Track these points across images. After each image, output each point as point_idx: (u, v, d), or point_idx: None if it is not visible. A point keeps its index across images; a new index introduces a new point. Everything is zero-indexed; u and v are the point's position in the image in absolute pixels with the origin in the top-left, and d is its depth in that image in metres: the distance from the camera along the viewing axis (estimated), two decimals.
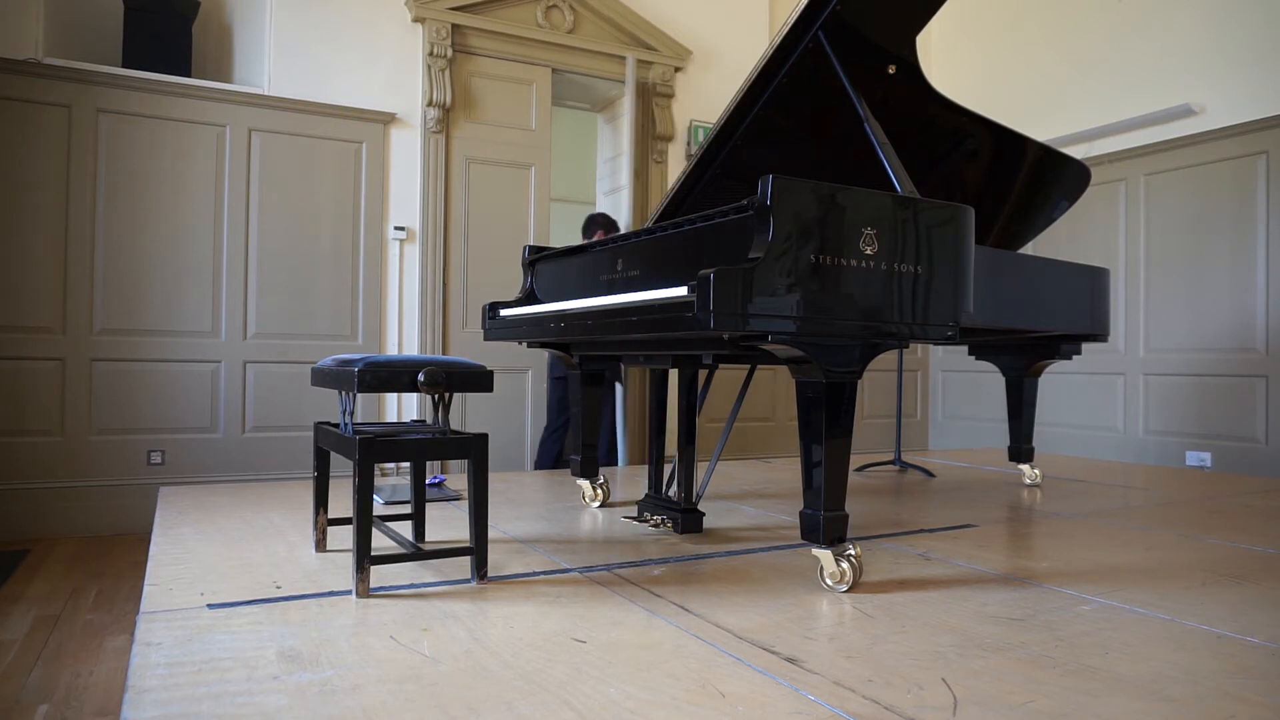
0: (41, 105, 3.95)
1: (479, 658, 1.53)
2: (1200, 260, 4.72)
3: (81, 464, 4.00)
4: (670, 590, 1.99)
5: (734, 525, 2.79)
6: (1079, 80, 5.36)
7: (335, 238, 4.52)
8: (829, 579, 2.00)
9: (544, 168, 5.10)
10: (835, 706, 1.34)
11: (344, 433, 2.07)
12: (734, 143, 2.69)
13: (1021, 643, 1.65)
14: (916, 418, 6.43)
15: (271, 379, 4.38)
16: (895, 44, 2.54)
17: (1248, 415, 4.49)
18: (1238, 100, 4.55)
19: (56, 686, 2.22)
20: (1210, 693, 1.41)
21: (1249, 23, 4.53)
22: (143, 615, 1.75)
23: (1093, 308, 3.26)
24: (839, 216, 1.93)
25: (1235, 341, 4.55)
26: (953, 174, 3.02)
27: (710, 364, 2.67)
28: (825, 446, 1.94)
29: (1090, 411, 5.26)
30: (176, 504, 3.07)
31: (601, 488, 3.12)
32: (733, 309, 1.79)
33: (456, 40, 4.76)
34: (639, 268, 2.38)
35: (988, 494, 3.54)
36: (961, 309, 2.13)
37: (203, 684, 1.39)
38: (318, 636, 1.63)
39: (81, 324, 4.01)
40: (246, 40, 4.59)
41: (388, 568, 2.10)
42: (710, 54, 5.54)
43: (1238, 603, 1.94)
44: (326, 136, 4.49)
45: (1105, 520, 2.97)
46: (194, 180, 4.24)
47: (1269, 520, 2.99)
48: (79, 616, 2.81)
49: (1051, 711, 1.33)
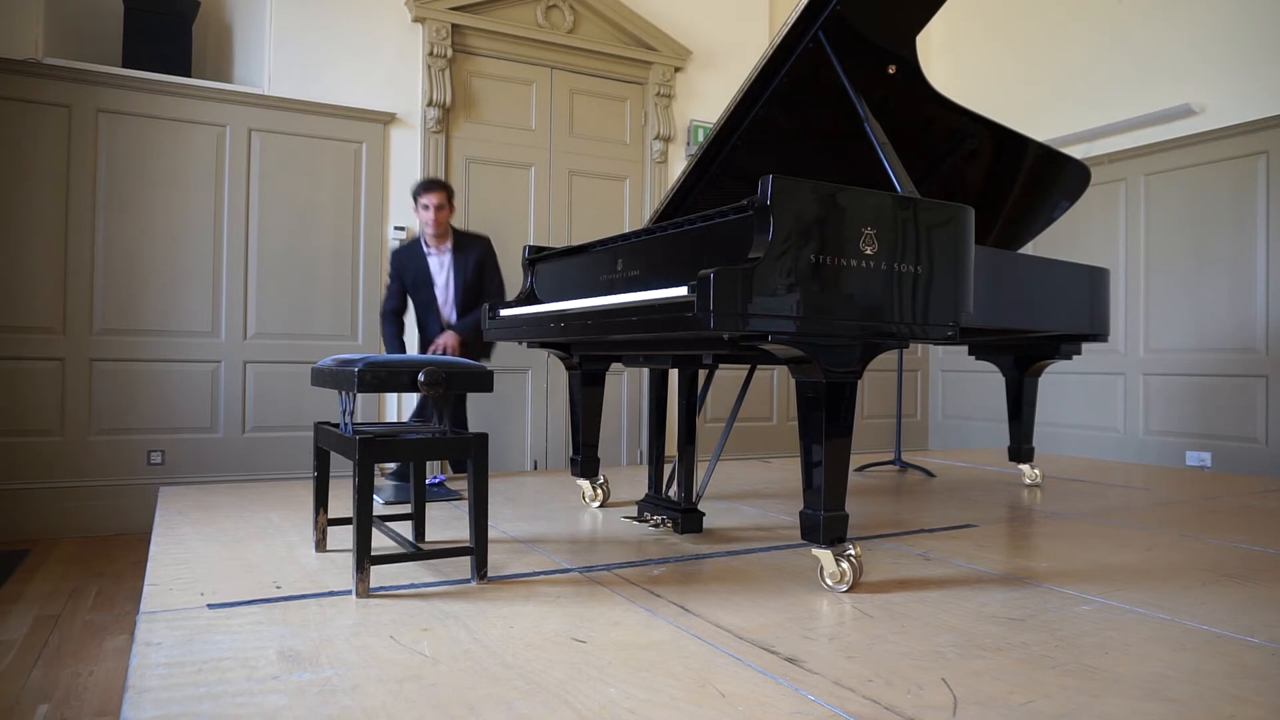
0: (41, 105, 3.95)
1: (479, 658, 1.53)
2: (1200, 260, 4.72)
3: (81, 464, 4.00)
4: (670, 590, 1.99)
5: (734, 525, 2.79)
6: (1079, 80, 5.36)
7: (335, 238, 4.52)
8: (829, 579, 2.00)
9: (544, 168, 5.10)
10: (835, 706, 1.34)
11: (344, 433, 2.07)
12: (734, 143, 2.69)
13: (1021, 643, 1.65)
14: (916, 418, 6.43)
15: (271, 379, 4.38)
16: (895, 44, 2.54)
17: (1248, 415, 4.49)
18: (1238, 100, 4.55)
19: (56, 686, 2.22)
20: (1210, 693, 1.41)
21: (1249, 23, 4.53)
22: (143, 615, 1.75)
23: (1093, 308, 3.26)
24: (839, 216, 1.93)
25: (1235, 341, 4.55)
26: (953, 174, 3.02)
27: (710, 364, 2.67)
28: (825, 446, 1.94)
29: (1090, 411, 5.26)
30: (176, 504, 3.07)
31: (601, 488, 3.12)
32: (733, 309, 1.79)
33: (456, 40, 4.76)
34: (639, 268, 2.38)
35: (988, 494, 3.54)
36: (961, 309, 2.13)
37: (203, 684, 1.39)
38: (318, 636, 1.63)
39: (81, 324, 4.01)
40: (246, 40, 4.59)
41: (388, 568, 2.10)
42: (710, 54, 5.54)
43: (1238, 603, 1.94)
44: (326, 136, 4.48)
45: (1105, 520, 2.97)
46: (194, 180, 4.24)
47: (1269, 520, 2.99)
48: (79, 616, 2.81)
49: (1051, 711, 1.33)
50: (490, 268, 3.82)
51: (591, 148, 5.25)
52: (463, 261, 3.76)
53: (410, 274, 3.77)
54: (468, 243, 3.80)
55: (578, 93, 5.21)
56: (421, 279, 3.76)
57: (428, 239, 3.73)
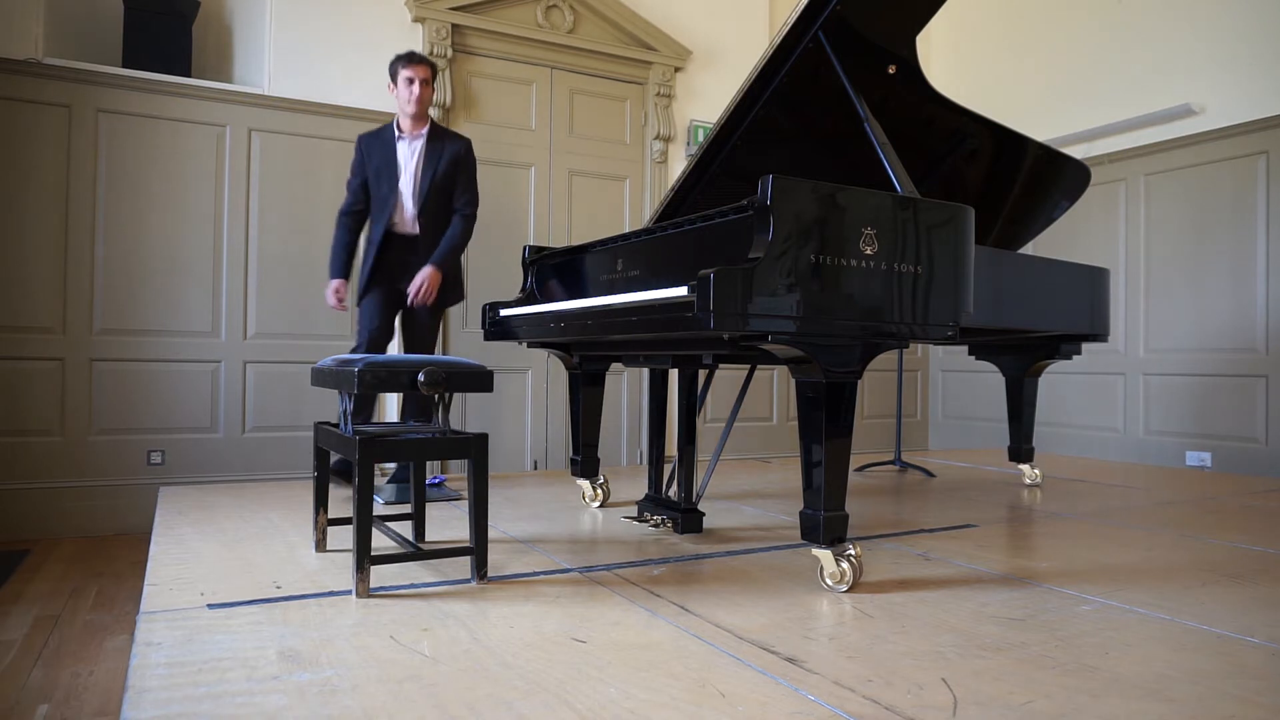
0: (41, 105, 3.95)
1: (479, 658, 1.53)
2: (1200, 260, 4.72)
3: (81, 464, 4.00)
4: (670, 590, 1.99)
5: (734, 525, 2.79)
6: (1079, 80, 5.36)
7: None
8: (829, 579, 2.00)
9: (544, 168, 5.10)
10: (835, 706, 1.34)
11: (344, 433, 2.07)
12: (734, 143, 2.69)
13: (1021, 643, 1.65)
14: (916, 418, 6.43)
15: (271, 379, 4.38)
16: (895, 44, 2.54)
17: (1248, 415, 4.49)
18: (1238, 100, 4.55)
19: (56, 686, 2.22)
20: (1210, 693, 1.41)
21: (1249, 23, 4.53)
22: (143, 615, 1.75)
23: (1093, 308, 3.26)
24: (839, 216, 1.93)
25: (1235, 341, 4.55)
26: (953, 174, 3.02)
27: (710, 364, 2.67)
28: (825, 446, 1.94)
29: (1090, 411, 5.26)
30: (176, 504, 3.07)
31: (601, 488, 3.12)
32: (733, 309, 1.79)
33: (456, 40, 4.76)
34: (639, 268, 2.38)
35: (988, 494, 3.54)
36: (962, 309, 2.13)
37: (203, 684, 1.39)
38: (318, 636, 1.63)
39: (81, 324, 4.01)
40: (246, 40, 4.59)
41: (388, 568, 2.10)
42: (710, 54, 5.54)
43: (1238, 603, 1.94)
44: (326, 136, 4.48)
45: (1105, 520, 2.97)
46: (194, 180, 4.24)
47: (1269, 520, 2.99)
48: (79, 616, 2.81)
49: (1051, 711, 1.33)
50: (466, 171, 3.44)
51: (591, 148, 5.25)
52: (436, 153, 3.37)
53: (375, 161, 3.39)
54: (447, 135, 3.44)
55: (578, 93, 5.21)
56: (386, 168, 3.38)
57: (403, 121, 3.41)
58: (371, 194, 3.44)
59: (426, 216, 3.39)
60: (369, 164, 3.42)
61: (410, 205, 3.40)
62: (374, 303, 3.40)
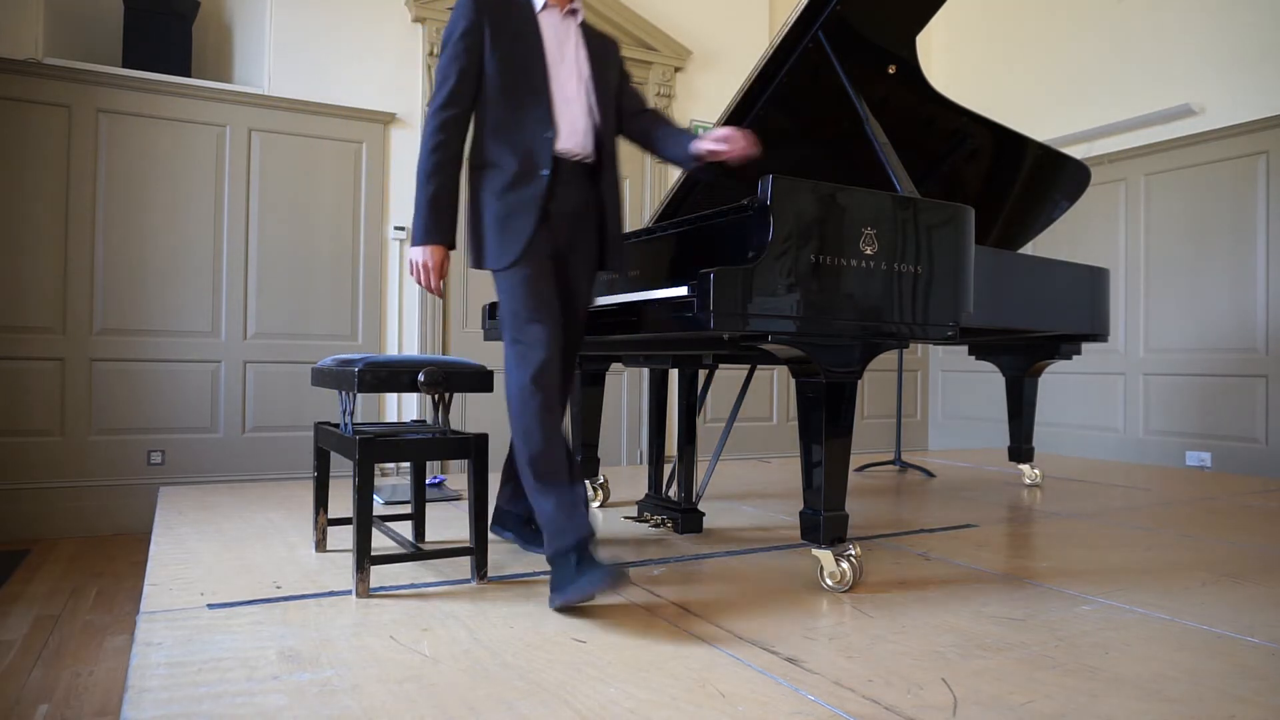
0: (41, 105, 3.95)
1: (479, 658, 1.53)
2: (1200, 260, 4.72)
3: (81, 464, 4.00)
4: (670, 590, 1.99)
5: (734, 525, 2.79)
6: (1079, 80, 5.36)
7: (335, 238, 4.51)
8: (829, 579, 2.00)
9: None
10: (835, 706, 1.34)
11: (344, 433, 2.07)
12: None
13: (1021, 643, 1.65)
14: (916, 418, 6.43)
15: (271, 379, 4.37)
16: (895, 44, 2.54)
17: (1248, 415, 4.49)
18: (1238, 100, 4.55)
19: (56, 686, 2.22)
20: (1210, 693, 1.41)
21: (1249, 23, 4.53)
22: (143, 615, 1.75)
23: (1093, 308, 3.26)
24: (839, 216, 1.93)
25: (1235, 341, 4.55)
26: (953, 174, 3.02)
27: (710, 364, 2.67)
28: (825, 446, 1.93)
29: (1090, 411, 5.26)
30: (176, 504, 3.07)
31: (601, 488, 3.12)
32: (733, 309, 1.79)
33: None
34: (639, 267, 2.38)
35: (988, 494, 3.54)
36: (961, 309, 2.13)
37: (203, 684, 1.39)
38: (318, 636, 1.63)
39: (81, 324, 4.01)
40: (246, 40, 4.59)
41: (388, 568, 2.10)
42: (710, 54, 5.54)
43: (1238, 603, 1.94)
44: (326, 136, 4.48)
45: (1105, 520, 2.97)
46: (194, 180, 4.24)
47: (1269, 520, 2.99)
48: (79, 616, 2.80)
49: (1051, 711, 1.33)
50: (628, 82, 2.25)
51: None
52: (600, 48, 2.13)
53: (512, 27, 1.96)
54: (601, 36, 2.18)
55: None
56: (529, 44, 1.97)
57: None
58: (498, 94, 1.95)
59: (608, 136, 2.12)
60: (498, 36, 1.94)
61: (582, 115, 2.05)
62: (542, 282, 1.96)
